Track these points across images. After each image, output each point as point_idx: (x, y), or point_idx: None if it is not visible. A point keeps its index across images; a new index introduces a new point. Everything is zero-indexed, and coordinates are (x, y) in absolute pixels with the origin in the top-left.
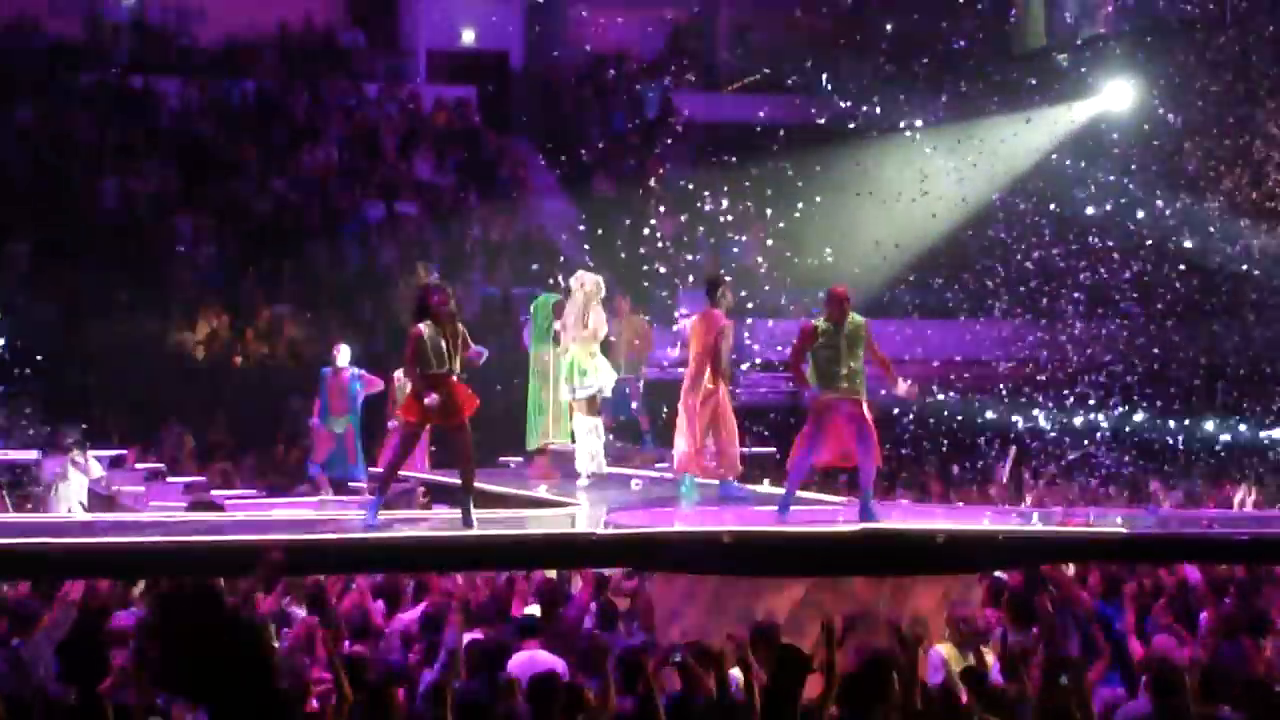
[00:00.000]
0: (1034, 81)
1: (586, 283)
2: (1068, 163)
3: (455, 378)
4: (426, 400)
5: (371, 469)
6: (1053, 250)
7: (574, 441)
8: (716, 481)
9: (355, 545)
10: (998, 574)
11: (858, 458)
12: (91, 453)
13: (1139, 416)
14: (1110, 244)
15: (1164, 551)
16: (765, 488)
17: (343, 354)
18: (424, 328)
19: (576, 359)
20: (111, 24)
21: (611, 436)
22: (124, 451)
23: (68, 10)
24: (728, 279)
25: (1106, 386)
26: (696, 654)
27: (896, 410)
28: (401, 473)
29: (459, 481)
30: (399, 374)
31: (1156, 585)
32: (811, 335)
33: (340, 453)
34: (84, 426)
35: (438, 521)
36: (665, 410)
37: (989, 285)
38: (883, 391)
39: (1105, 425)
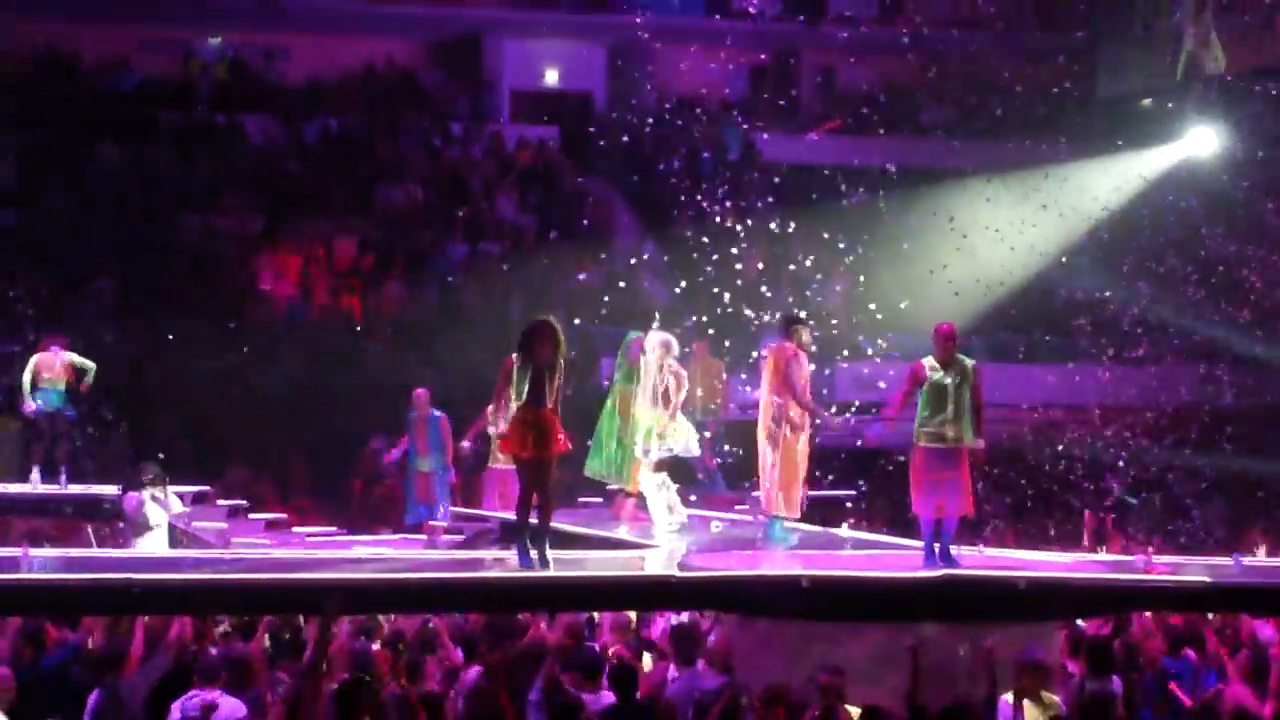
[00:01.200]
0: (1116, 127)
1: (657, 345)
2: (1145, 210)
3: (549, 411)
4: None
5: (454, 509)
6: (1135, 295)
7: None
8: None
9: (434, 585)
10: (1078, 622)
11: (948, 506)
12: (172, 488)
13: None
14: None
15: (1247, 602)
16: (845, 531)
17: (423, 398)
18: (516, 358)
19: (655, 421)
20: (199, 62)
21: (720, 479)
22: (206, 488)
23: (157, 49)
24: (804, 317)
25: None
26: (772, 698)
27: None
28: (482, 512)
29: (536, 521)
30: (490, 410)
31: (1235, 640)
32: (919, 378)
33: (425, 493)
34: (162, 458)
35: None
36: (740, 452)
37: (1069, 330)
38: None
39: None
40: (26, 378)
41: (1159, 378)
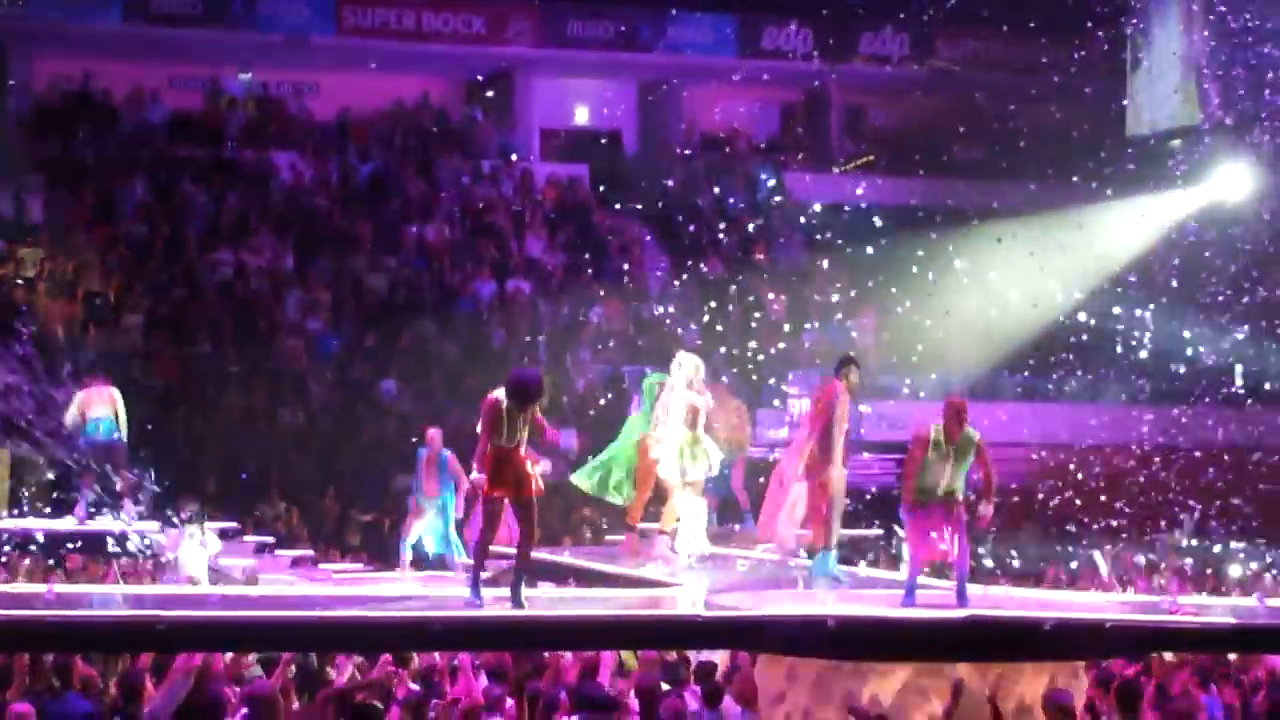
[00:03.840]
0: (1144, 168)
1: (685, 365)
2: (1175, 251)
3: (522, 452)
4: (473, 478)
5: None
6: (1160, 334)
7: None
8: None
9: (458, 624)
10: (1104, 663)
11: (953, 556)
12: (210, 525)
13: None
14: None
15: (1272, 642)
16: (862, 569)
17: (437, 438)
18: (502, 399)
19: (684, 443)
20: (228, 98)
21: (714, 516)
22: (235, 525)
23: (186, 84)
24: (855, 358)
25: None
26: None
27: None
28: (505, 549)
29: (514, 555)
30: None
31: (1255, 679)
32: (926, 445)
33: (439, 531)
34: (202, 496)
35: (540, 601)
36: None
37: (1095, 370)
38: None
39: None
40: (73, 413)
41: (1193, 418)
